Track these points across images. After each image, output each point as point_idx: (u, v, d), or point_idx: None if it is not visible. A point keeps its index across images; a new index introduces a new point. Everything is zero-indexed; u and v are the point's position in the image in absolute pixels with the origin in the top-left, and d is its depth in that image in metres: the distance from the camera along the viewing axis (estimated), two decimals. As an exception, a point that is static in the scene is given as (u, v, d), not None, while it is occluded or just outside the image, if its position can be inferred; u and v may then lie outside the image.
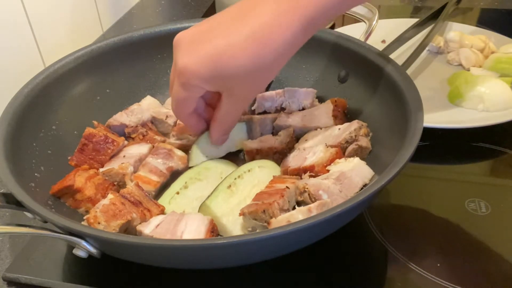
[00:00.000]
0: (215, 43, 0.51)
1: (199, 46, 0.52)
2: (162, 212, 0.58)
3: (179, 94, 0.56)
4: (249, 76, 0.52)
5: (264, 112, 0.73)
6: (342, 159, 0.61)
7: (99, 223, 0.53)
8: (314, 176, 0.60)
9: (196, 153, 0.65)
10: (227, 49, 0.51)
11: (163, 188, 0.63)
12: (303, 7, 0.50)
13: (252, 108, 0.74)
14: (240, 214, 0.55)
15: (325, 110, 0.69)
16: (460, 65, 0.90)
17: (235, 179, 0.60)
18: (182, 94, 0.55)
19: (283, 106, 0.72)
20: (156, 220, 0.55)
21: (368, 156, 0.63)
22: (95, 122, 0.68)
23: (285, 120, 0.69)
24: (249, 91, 0.56)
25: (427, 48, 0.94)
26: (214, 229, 0.55)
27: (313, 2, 0.50)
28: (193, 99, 0.57)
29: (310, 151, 0.63)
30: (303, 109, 0.72)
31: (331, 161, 0.61)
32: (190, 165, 0.65)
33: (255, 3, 0.52)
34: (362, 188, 0.58)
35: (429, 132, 0.68)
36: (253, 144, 0.66)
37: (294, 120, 0.69)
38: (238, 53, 0.50)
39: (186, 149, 0.67)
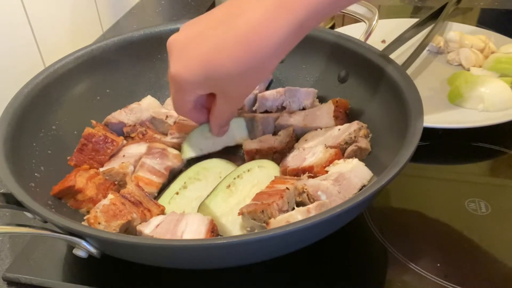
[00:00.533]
0: (203, 50, 0.52)
1: (189, 53, 0.53)
2: (162, 212, 0.58)
3: (176, 97, 0.58)
4: (239, 79, 0.53)
5: (266, 112, 0.73)
6: (341, 160, 0.61)
7: (99, 223, 0.53)
8: (312, 177, 0.60)
9: (190, 145, 0.65)
10: (215, 54, 0.51)
11: (162, 188, 0.63)
12: (292, 10, 0.49)
13: (254, 108, 0.74)
14: (239, 214, 0.55)
15: (327, 111, 0.69)
16: (460, 65, 0.90)
17: (235, 179, 0.60)
18: (178, 97, 0.58)
19: (283, 105, 0.72)
20: (156, 220, 0.55)
21: (367, 157, 0.63)
22: (94, 122, 0.68)
23: (287, 120, 0.69)
24: (241, 91, 0.56)
25: (427, 48, 0.94)
26: (214, 229, 0.55)
27: (302, 5, 0.50)
28: (189, 100, 0.58)
29: (310, 151, 0.63)
30: (304, 108, 0.72)
31: (330, 162, 0.61)
32: (183, 157, 0.65)
33: (244, 5, 0.51)
34: (360, 189, 0.58)
35: (429, 132, 0.68)
36: (252, 144, 0.66)
37: (296, 120, 0.69)
38: (226, 58, 0.51)
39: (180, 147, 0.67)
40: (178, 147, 0.67)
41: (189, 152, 0.65)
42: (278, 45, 0.50)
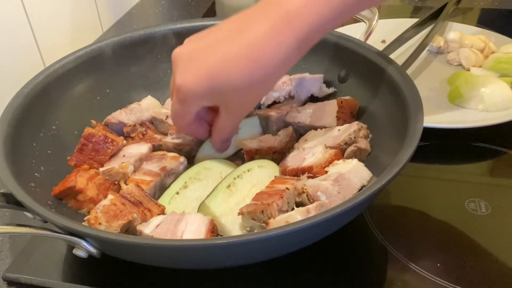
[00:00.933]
0: (210, 63, 0.52)
1: (195, 65, 0.53)
2: (163, 212, 0.58)
3: (177, 109, 0.58)
4: (244, 92, 0.53)
5: (274, 103, 0.73)
6: (341, 161, 0.61)
7: (100, 223, 0.53)
8: (312, 177, 0.60)
9: (204, 153, 0.67)
10: (222, 67, 0.52)
11: (163, 189, 0.63)
12: (296, 25, 0.50)
13: (262, 102, 0.74)
14: (238, 214, 0.55)
15: (331, 110, 0.69)
16: (460, 65, 0.90)
17: (235, 178, 0.60)
18: (180, 109, 0.57)
19: (291, 94, 0.72)
20: (156, 220, 0.55)
21: (367, 158, 0.63)
22: (93, 122, 0.68)
23: (295, 117, 0.69)
24: (245, 105, 0.57)
25: (427, 48, 0.94)
26: (214, 229, 0.55)
27: (306, 20, 0.50)
28: (191, 113, 0.58)
29: (309, 151, 0.63)
30: (312, 95, 0.72)
31: (329, 162, 0.61)
32: (197, 156, 0.67)
33: (250, 20, 0.52)
34: (360, 190, 0.58)
35: (429, 132, 0.68)
36: (252, 144, 0.66)
37: (303, 118, 0.69)
38: (232, 72, 0.51)
39: (181, 148, 0.67)
40: (178, 147, 0.67)
41: (203, 154, 0.67)
42: (284, 59, 0.52)
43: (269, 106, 0.74)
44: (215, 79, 0.52)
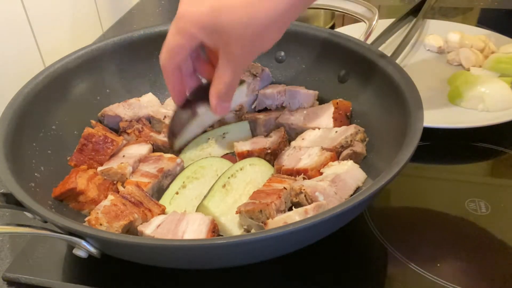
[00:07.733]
0: None
1: None
2: (163, 211, 0.58)
3: (173, 41, 0.55)
4: (246, 34, 0.52)
5: (265, 109, 0.73)
6: (336, 162, 0.61)
7: (101, 224, 0.53)
8: (307, 178, 0.60)
9: (185, 158, 0.67)
10: (228, 3, 0.51)
11: (160, 191, 0.63)
12: None
13: (253, 106, 0.74)
14: (236, 212, 0.55)
15: (327, 112, 0.69)
16: (460, 65, 0.90)
17: (229, 178, 0.60)
18: (176, 40, 0.55)
19: (283, 105, 0.72)
20: (157, 220, 0.55)
21: (363, 160, 0.63)
22: (93, 122, 0.68)
23: (287, 118, 0.70)
24: (246, 51, 0.54)
25: (427, 48, 0.94)
26: (215, 228, 0.55)
27: None
28: (186, 48, 0.56)
29: (306, 152, 0.63)
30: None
31: (324, 165, 0.61)
32: (180, 156, 0.66)
33: None
34: (355, 191, 0.58)
35: (429, 132, 0.68)
36: (244, 146, 0.66)
37: (296, 119, 0.69)
38: (237, 9, 0.51)
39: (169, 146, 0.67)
40: (166, 145, 0.67)
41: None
42: (285, 7, 0.51)
43: (259, 112, 0.74)
44: (219, 13, 0.51)
